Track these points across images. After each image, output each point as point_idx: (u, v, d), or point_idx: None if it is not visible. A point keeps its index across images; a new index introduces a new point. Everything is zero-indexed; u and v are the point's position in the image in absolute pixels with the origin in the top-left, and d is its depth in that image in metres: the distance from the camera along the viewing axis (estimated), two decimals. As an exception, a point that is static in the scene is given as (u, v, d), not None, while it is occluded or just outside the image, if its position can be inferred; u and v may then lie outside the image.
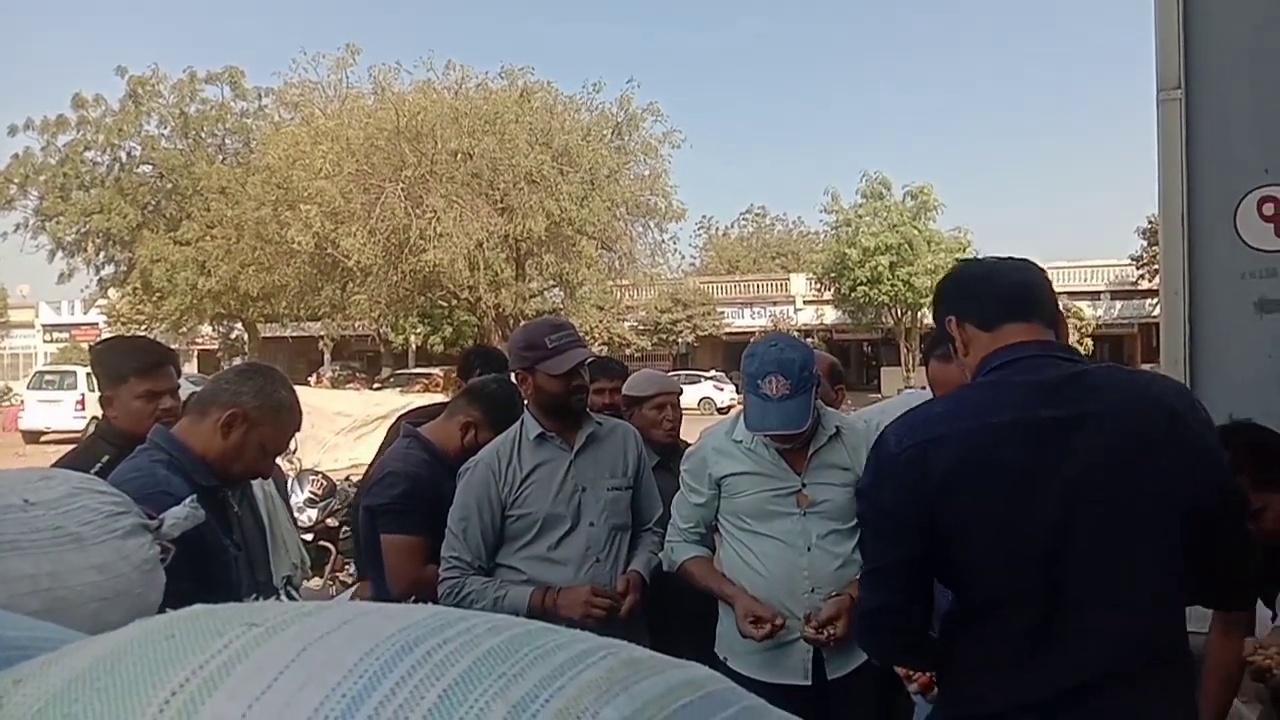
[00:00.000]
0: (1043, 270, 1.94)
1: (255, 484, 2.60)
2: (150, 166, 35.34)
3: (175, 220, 32.92)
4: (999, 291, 1.87)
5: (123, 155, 35.36)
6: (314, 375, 33.85)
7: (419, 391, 23.52)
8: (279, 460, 2.91)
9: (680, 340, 40.00)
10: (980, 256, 2.13)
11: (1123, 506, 1.66)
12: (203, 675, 0.47)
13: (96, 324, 40.17)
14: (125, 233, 34.05)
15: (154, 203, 35.10)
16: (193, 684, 0.47)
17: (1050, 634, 1.68)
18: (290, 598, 2.80)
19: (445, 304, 30.67)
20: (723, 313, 40.87)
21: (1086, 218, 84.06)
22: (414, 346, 39.43)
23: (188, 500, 1.67)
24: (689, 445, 3.21)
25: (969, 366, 1.87)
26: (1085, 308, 35.88)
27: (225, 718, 0.44)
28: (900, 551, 1.78)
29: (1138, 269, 35.40)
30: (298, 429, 2.36)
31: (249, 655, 0.48)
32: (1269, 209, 3.32)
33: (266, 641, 0.50)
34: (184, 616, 0.55)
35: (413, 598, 2.86)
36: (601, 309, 31.70)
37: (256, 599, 0.60)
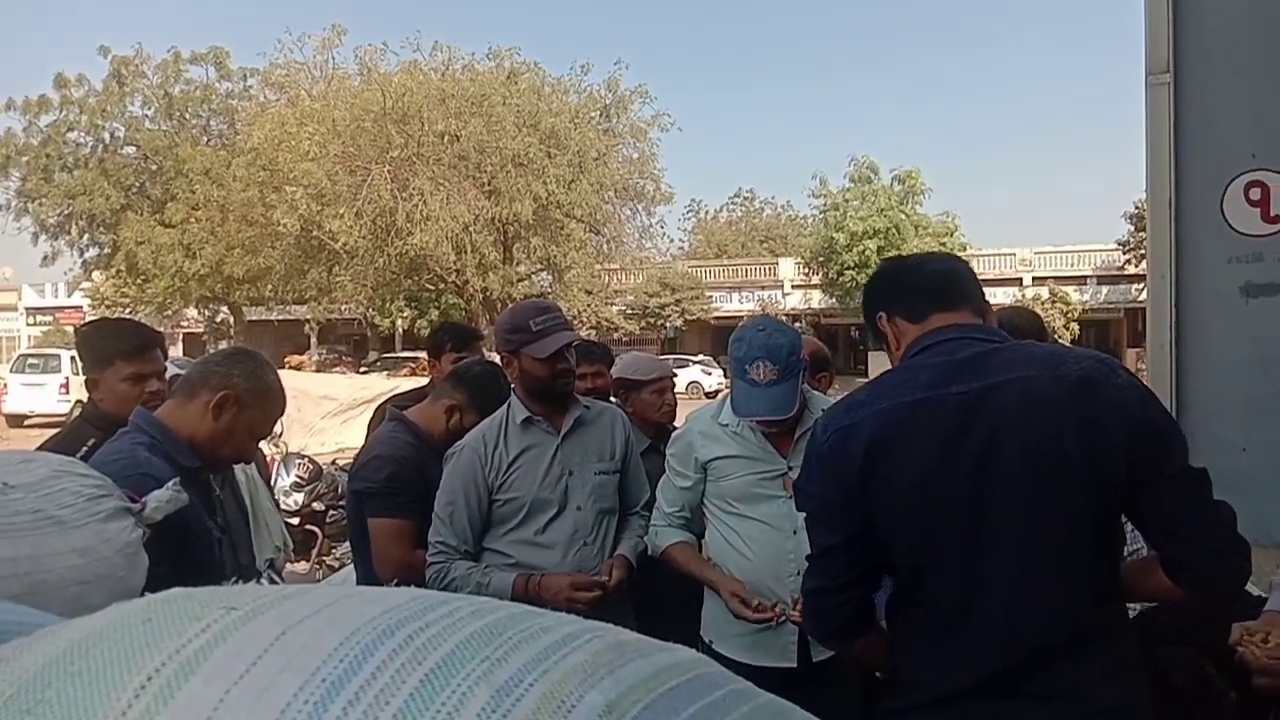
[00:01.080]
0: (966, 263, 2.03)
1: (237, 467, 2.59)
2: (134, 148, 35.05)
3: (160, 202, 32.66)
4: (924, 283, 1.93)
5: (106, 136, 35.07)
6: (288, 358, 32.99)
7: (406, 375, 23.43)
8: (262, 444, 2.89)
9: (668, 324, 39.98)
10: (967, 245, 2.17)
11: (1025, 475, 1.67)
12: (180, 659, 0.46)
13: (81, 307, 39.93)
14: (109, 215, 33.77)
15: (138, 184, 34.82)
16: (169, 668, 0.46)
17: (974, 612, 1.71)
18: (272, 581, 2.80)
19: (432, 287, 30.58)
20: (711, 297, 40.86)
21: (1073, 203, 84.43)
22: (401, 330, 39.33)
23: (171, 483, 1.66)
24: (676, 428, 3.22)
25: (900, 360, 1.92)
26: (1072, 293, 36.02)
27: (202, 702, 0.43)
28: (834, 537, 1.84)
29: (1124, 254, 35.47)
30: (282, 413, 2.36)
31: (227, 639, 0.48)
32: (1256, 193, 3.32)
33: (245, 625, 0.49)
34: (161, 600, 0.54)
35: (395, 581, 2.86)
36: (589, 293, 31.64)
37: (236, 582, 0.59)
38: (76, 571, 1.05)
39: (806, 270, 39.82)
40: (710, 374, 32.40)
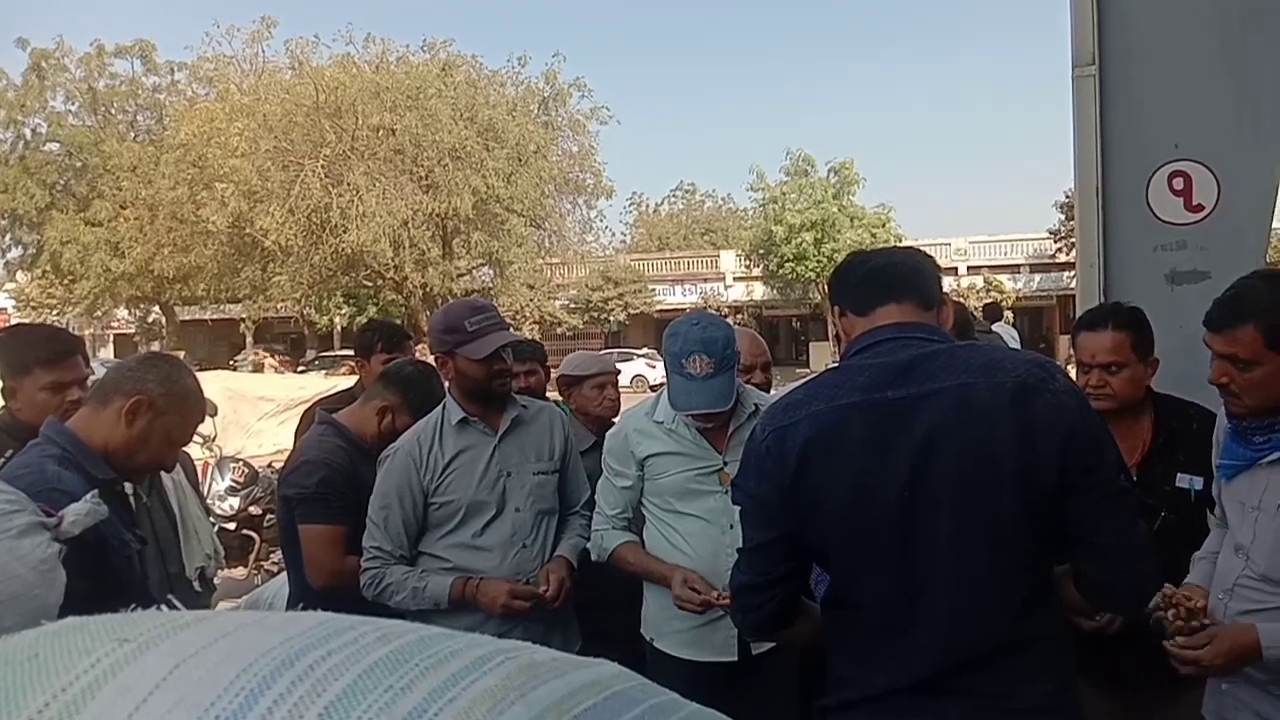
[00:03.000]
0: (927, 257, 2.00)
1: (165, 474, 2.52)
2: (57, 144, 34.07)
3: (86, 200, 31.83)
4: (867, 276, 1.92)
5: (27, 132, 34.03)
6: (234, 360, 32.29)
7: (345, 374, 23.04)
8: (191, 448, 2.81)
9: (611, 318, 39.92)
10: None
11: (958, 485, 1.68)
12: (65, 699, 0.44)
13: (5, 309, 38.74)
14: (33, 213, 32.82)
15: (63, 182, 33.86)
16: (53, 709, 0.43)
17: (904, 617, 1.73)
18: (198, 590, 2.73)
19: (370, 284, 30.18)
20: (654, 290, 40.85)
21: (1006, 192, 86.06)
22: (339, 328, 38.74)
23: (89, 495, 1.60)
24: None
25: (841, 357, 1.93)
26: (1005, 281, 36.71)
27: (85, 746, 0.41)
28: (765, 535, 1.84)
29: (1055, 243, 36.24)
30: (201, 419, 2.28)
31: (116, 675, 0.45)
32: (1179, 183, 3.40)
33: (136, 659, 0.46)
34: (51, 633, 0.51)
35: (322, 589, 2.80)
36: (532, 287, 31.50)
37: (134, 609, 0.56)
38: (-16, 592, 1.01)
39: (748, 262, 40.04)
40: (655, 367, 32.35)
